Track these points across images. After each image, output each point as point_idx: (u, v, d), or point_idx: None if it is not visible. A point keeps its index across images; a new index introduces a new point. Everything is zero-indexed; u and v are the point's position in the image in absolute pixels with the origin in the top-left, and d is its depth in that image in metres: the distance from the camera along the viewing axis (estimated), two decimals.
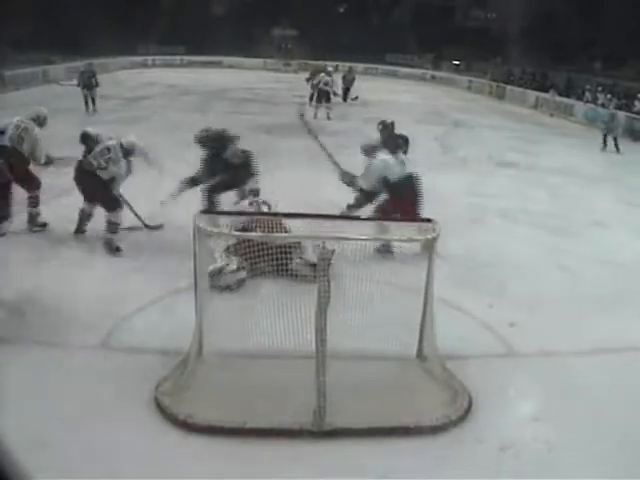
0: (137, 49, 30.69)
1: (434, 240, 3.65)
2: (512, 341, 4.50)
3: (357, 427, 3.42)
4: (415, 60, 32.08)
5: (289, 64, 31.46)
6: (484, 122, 16.76)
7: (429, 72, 30.54)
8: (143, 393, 3.62)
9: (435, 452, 3.35)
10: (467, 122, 16.39)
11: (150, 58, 30.93)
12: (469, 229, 6.77)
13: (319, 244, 3.39)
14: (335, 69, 17.62)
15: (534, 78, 24.58)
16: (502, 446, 3.39)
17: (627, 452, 3.36)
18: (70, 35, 23.47)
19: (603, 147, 13.74)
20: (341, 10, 35.69)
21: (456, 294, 4.84)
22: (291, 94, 19.49)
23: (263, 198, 5.77)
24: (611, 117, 14.21)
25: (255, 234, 4.13)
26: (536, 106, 21.37)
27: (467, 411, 3.63)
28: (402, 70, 31.17)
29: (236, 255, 4.91)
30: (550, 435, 3.52)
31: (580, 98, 19.93)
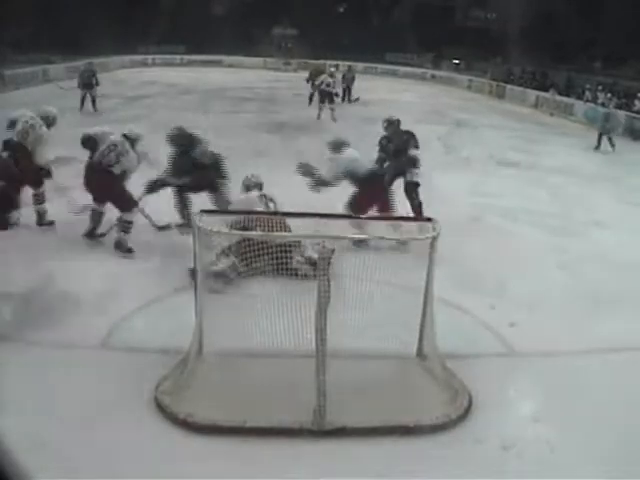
0: (137, 48, 30.63)
1: (434, 240, 3.65)
2: (512, 340, 4.50)
3: (357, 426, 3.43)
4: (415, 59, 32.04)
5: (289, 63, 31.46)
6: (484, 121, 16.75)
7: (429, 71, 30.49)
8: (143, 393, 3.62)
9: (435, 452, 3.35)
10: (467, 121, 16.37)
11: (150, 57, 30.92)
12: (469, 228, 6.76)
13: (319, 243, 3.39)
14: (336, 69, 17.58)
15: (534, 77, 24.56)
16: (502, 446, 3.39)
17: (627, 452, 3.37)
18: (70, 35, 23.45)
19: (596, 146, 13.40)
20: (341, 10, 35.65)
21: (456, 293, 4.84)
22: (291, 93, 19.50)
23: (268, 194, 5.74)
24: (606, 116, 13.90)
25: (255, 233, 4.12)
26: (536, 105, 21.35)
27: (467, 410, 3.64)
28: (402, 69, 31.12)
29: (236, 255, 4.88)
30: (550, 435, 3.52)
31: (580, 97, 19.92)
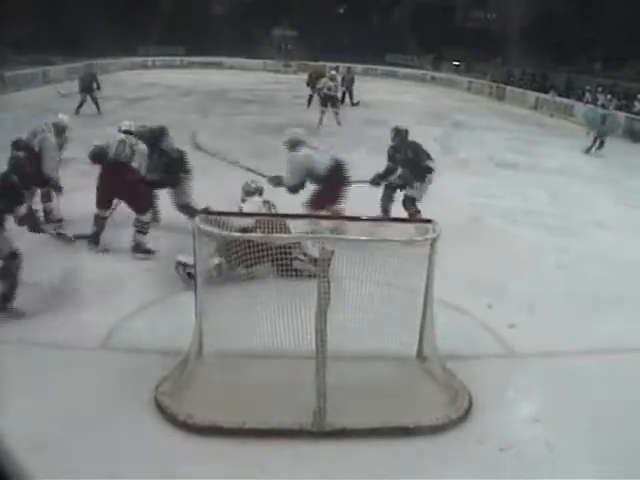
0: (137, 50, 30.63)
1: (434, 241, 3.66)
2: (512, 341, 4.50)
3: (357, 427, 3.43)
4: (415, 61, 32.00)
5: (289, 65, 31.45)
6: (484, 123, 16.74)
7: (429, 73, 30.47)
8: (143, 393, 3.63)
9: (435, 452, 3.35)
10: (467, 123, 16.36)
11: (150, 59, 30.89)
12: (469, 229, 6.76)
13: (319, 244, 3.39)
14: (336, 70, 17.55)
15: (534, 79, 24.54)
16: (502, 446, 3.40)
17: (627, 452, 3.37)
18: (70, 36, 23.44)
19: (588, 148, 12.75)
20: (341, 10, 35.64)
21: (456, 294, 4.84)
22: (291, 95, 19.49)
23: (267, 199, 5.74)
24: (603, 118, 13.29)
25: (255, 235, 4.12)
26: (536, 107, 21.35)
27: (467, 411, 3.64)
28: (402, 71, 31.10)
29: (224, 256, 4.77)
30: (550, 435, 3.52)
31: (580, 99, 19.89)
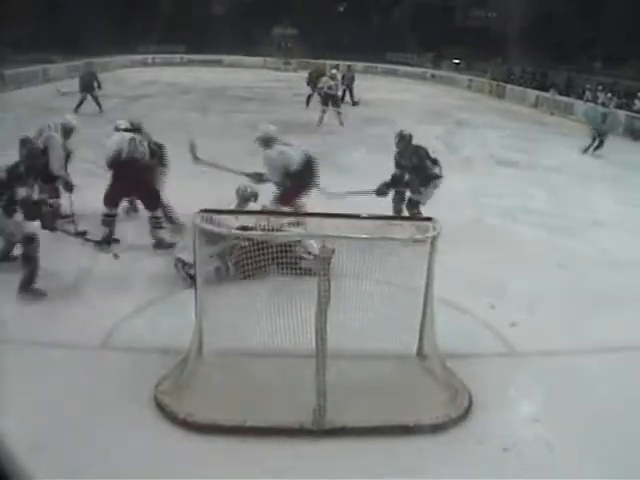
0: (137, 48, 30.65)
1: (434, 239, 3.65)
2: (512, 340, 4.50)
3: (357, 426, 3.43)
4: (415, 59, 32.04)
5: (289, 63, 31.45)
6: (484, 121, 16.73)
7: (429, 71, 30.48)
8: (143, 392, 3.62)
9: (435, 452, 3.35)
10: (467, 121, 16.36)
11: (150, 57, 30.91)
12: (469, 228, 6.75)
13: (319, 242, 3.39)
14: (337, 69, 17.53)
15: (534, 77, 24.54)
16: (502, 446, 3.39)
17: (627, 452, 3.36)
18: (70, 34, 23.45)
19: (585, 148, 12.35)
20: (341, 9, 35.64)
21: (456, 293, 4.83)
22: (291, 93, 19.48)
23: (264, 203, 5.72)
24: (604, 117, 12.86)
25: (255, 232, 4.11)
26: (536, 105, 21.35)
27: (467, 410, 3.63)
28: (402, 69, 31.12)
29: (239, 260, 4.76)
30: (551, 435, 3.52)
31: (580, 97, 19.90)
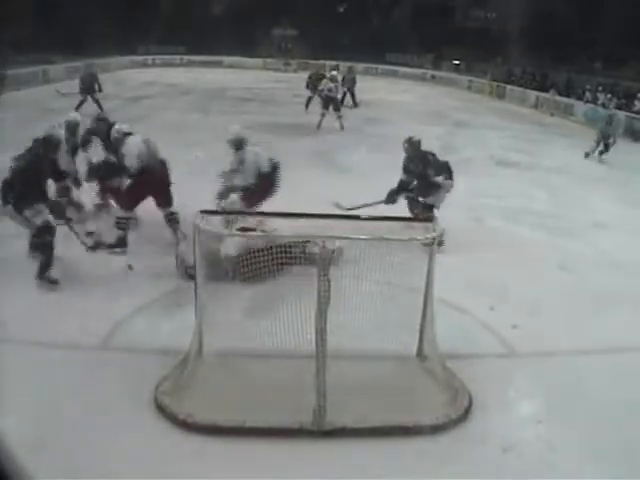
0: (137, 49, 30.66)
1: (435, 240, 3.65)
2: (512, 341, 4.50)
3: (357, 426, 3.43)
4: (415, 60, 32.04)
5: (289, 64, 31.46)
6: (484, 122, 16.72)
7: (429, 72, 30.47)
8: (143, 393, 3.62)
9: (435, 452, 3.35)
10: (467, 122, 16.35)
11: (150, 58, 30.90)
12: (469, 229, 6.76)
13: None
14: (336, 70, 17.49)
15: (534, 78, 24.51)
16: (503, 446, 3.39)
17: (627, 452, 3.36)
18: (70, 35, 23.45)
19: (588, 153, 11.96)
20: (341, 10, 35.63)
21: (457, 294, 4.84)
22: (291, 94, 19.48)
23: None
24: (610, 119, 12.20)
25: (254, 233, 4.12)
26: (536, 106, 21.34)
27: (467, 411, 3.64)
28: (402, 70, 31.09)
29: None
30: (551, 435, 3.52)
31: (580, 98, 19.90)
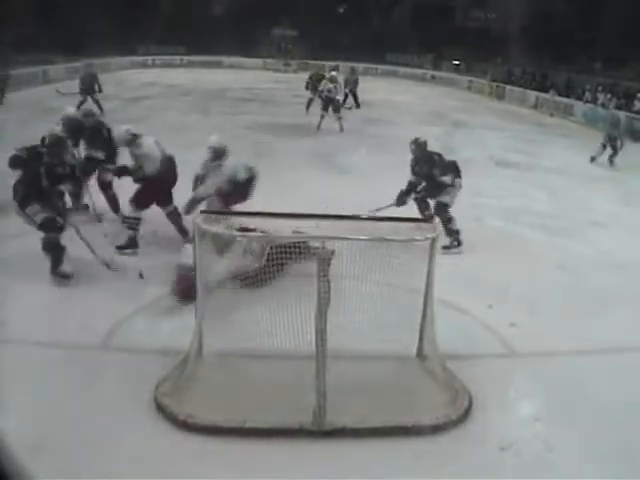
0: (137, 49, 30.69)
1: (434, 240, 3.65)
2: (512, 341, 4.50)
3: (357, 427, 3.43)
4: (415, 60, 32.06)
5: (289, 64, 31.48)
6: (484, 122, 16.73)
7: (429, 72, 30.50)
8: (143, 393, 3.62)
9: (435, 452, 3.35)
10: (467, 122, 16.36)
11: (150, 58, 30.92)
12: (469, 229, 6.76)
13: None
14: (336, 70, 17.46)
15: (534, 78, 24.52)
16: (502, 446, 3.40)
17: (627, 452, 3.37)
18: (70, 35, 23.47)
19: (594, 158, 11.66)
20: (341, 10, 35.65)
21: (456, 294, 4.84)
22: (291, 94, 19.49)
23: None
24: (617, 121, 11.79)
25: (254, 234, 4.11)
26: (536, 106, 21.35)
27: (467, 411, 3.64)
28: (402, 70, 31.14)
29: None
30: (550, 435, 3.52)
31: (580, 98, 19.91)
